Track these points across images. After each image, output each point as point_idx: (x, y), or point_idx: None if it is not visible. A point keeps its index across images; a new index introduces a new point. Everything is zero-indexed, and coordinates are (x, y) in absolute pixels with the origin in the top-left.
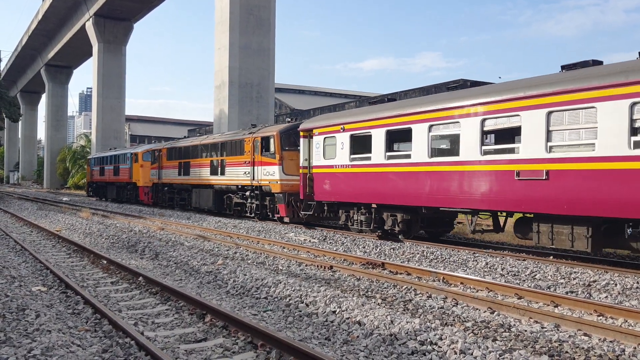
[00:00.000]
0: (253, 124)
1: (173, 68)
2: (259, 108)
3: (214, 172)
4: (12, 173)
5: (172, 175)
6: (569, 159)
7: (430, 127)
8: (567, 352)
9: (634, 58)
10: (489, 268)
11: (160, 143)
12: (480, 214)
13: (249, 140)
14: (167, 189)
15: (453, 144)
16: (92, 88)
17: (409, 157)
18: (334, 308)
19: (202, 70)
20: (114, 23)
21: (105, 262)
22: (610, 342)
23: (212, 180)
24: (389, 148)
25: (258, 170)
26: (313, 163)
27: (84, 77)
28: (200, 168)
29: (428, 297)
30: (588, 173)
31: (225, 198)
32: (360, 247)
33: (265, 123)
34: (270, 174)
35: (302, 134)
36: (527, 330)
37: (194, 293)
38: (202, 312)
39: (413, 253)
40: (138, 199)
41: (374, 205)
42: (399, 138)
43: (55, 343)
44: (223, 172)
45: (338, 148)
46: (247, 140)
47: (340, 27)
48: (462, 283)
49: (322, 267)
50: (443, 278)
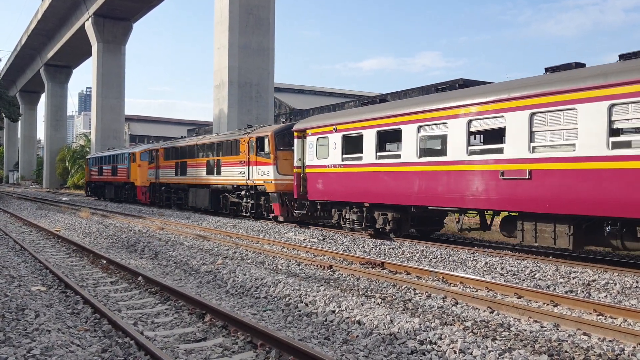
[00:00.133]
0: (249, 125)
1: (173, 68)
2: (259, 108)
3: (210, 172)
4: (11, 173)
5: (169, 175)
6: (551, 159)
7: (419, 127)
8: (566, 351)
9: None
10: (489, 267)
11: (158, 143)
12: (468, 213)
13: (244, 141)
14: (164, 189)
15: (441, 145)
16: (91, 88)
17: (399, 157)
18: (334, 307)
19: (201, 70)
20: (114, 23)
21: (105, 261)
22: (610, 341)
23: (208, 180)
24: (380, 148)
25: (253, 170)
26: (306, 163)
27: (84, 76)
28: (197, 168)
29: (427, 296)
30: (569, 173)
31: (222, 197)
32: (360, 246)
33: (265, 123)
34: (265, 174)
35: (295, 134)
36: (526, 330)
37: (194, 293)
38: (201, 311)
39: (412, 252)
40: (136, 199)
41: (367, 205)
42: (390, 138)
43: (55, 343)
44: (219, 172)
45: (331, 148)
46: (242, 141)
47: (340, 27)
48: (461, 282)
49: (321, 266)
50: (442, 277)
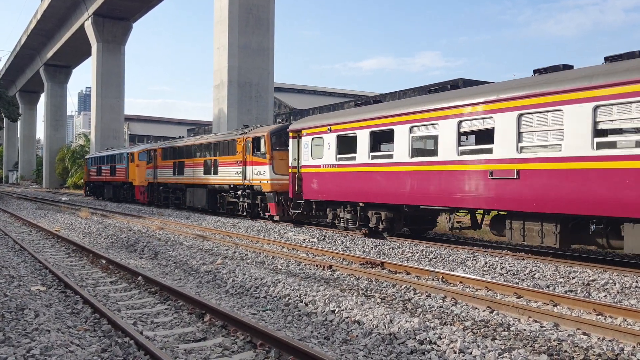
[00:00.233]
0: (245, 125)
1: (172, 67)
2: (258, 107)
3: (208, 171)
4: (11, 172)
5: (167, 175)
6: (538, 159)
7: (411, 128)
8: (566, 351)
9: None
10: (488, 267)
11: (156, 143)
12: (459, 212)
13: (241, 141)
14: (162, 189)
15: (432, 145)
16: (91, 87)
17: (392, 157)
18: (333, 307)
19: (201, 70)
20: (113, 22)
21: (105, 261)
22: (609, 341)
23: (205, 180)
24: (373, 148)
25: (249, 170)
26: (302, 163)
27: (83, 76)
28: (194, 168)
29: (427, 296)
30: (555, 172)
31: (218, 197)
32: (360, 246)
33: (265, 123)
34: (261, 174)
35: (291, 135)
36: (526, 330)
37: (193, 292)
38: (201, 311)
39: (412, 252)
40: (134, 198)
41: (361, 204)
42: (383, 139)
43: (55, 342)
44: (216, 171)
45: (325, 148)
46: (239, 141)
47: (340, 27)
48: (461, 282)
49: (321, 266)
50: (442, 277)
